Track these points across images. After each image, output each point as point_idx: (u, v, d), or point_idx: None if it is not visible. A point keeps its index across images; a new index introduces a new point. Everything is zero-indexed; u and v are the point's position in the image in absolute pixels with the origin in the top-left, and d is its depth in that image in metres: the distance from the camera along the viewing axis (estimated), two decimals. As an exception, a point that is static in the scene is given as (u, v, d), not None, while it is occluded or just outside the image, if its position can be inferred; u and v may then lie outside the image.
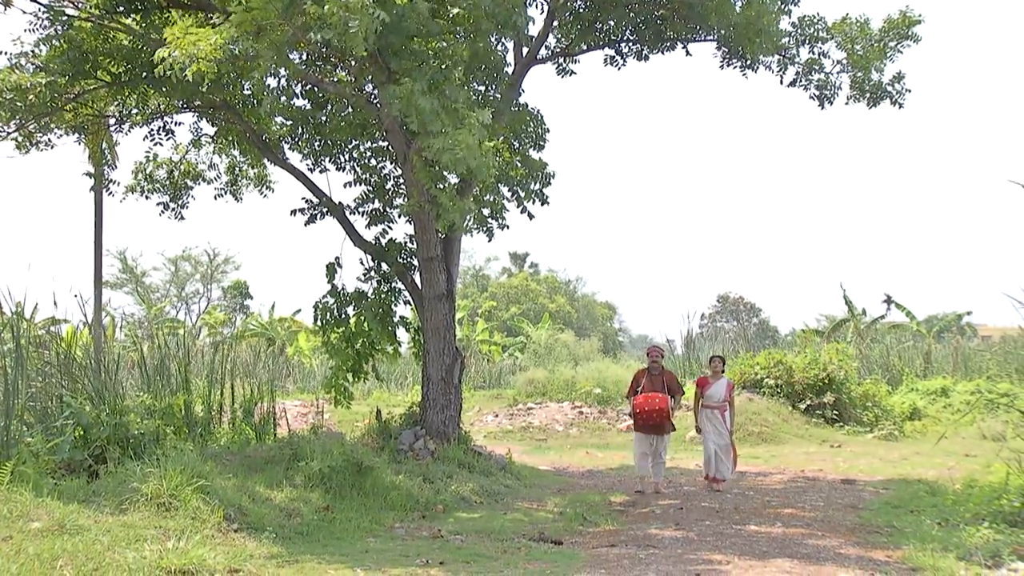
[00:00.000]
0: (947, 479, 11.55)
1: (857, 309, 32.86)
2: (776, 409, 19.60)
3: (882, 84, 13.82)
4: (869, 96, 13.89)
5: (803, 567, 7.51)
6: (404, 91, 10.38)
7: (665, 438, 12.08)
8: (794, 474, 13.97)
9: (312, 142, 14.74)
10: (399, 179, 14.58)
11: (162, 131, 14.47)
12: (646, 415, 11.71)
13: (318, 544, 8.50)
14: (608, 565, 7.69)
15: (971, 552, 7.46)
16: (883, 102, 13.89)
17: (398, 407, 16.29)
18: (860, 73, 13.75)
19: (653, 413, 11.67)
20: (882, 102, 13.89)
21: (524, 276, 56.89)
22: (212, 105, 13.82)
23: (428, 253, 13.20)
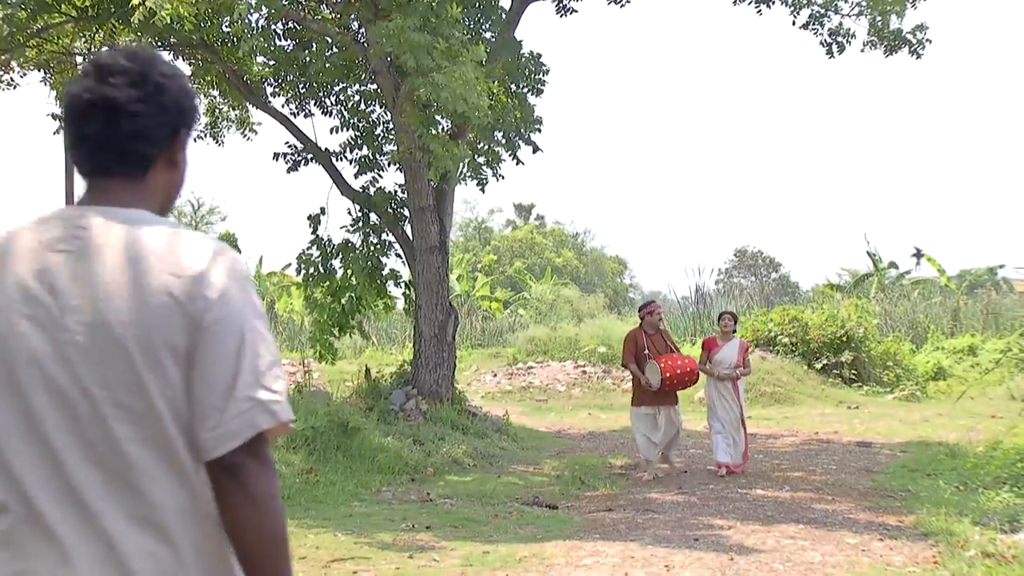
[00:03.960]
0: (969, 441, 11.57)
1: (883, 263, 32.79)
2: (790, 368, 19.62)
3: (901, 32, 13.67)
4: (887, 44, 13.73)
5: (809, 532, 7.54)
6: (394, 28, 10.27)
7: (675, 408, 10.51)
8: (807, 436, 14.02)
9: (296, 85, 14.63)
10: (389, 124, 14.48)
11: (135, 70, 14.33)
12: (676, 380, 10.15)
13: (299, 508, 8.56)
14: (603, 530, 7.74)
15: (988, 517, 7.48)
16: (901, 51, 13.75)
17: (390, 366, 16.35)
18: (880, 18, 13.58)
19: (685, 376, 10.19)
20: (900, 51, 13.75)
21: (530, 229, 56.72)
22: (189, 44, 13.68)
23: (419, 203, 13.15)
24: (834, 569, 6.36)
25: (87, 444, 1.57)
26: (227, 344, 1.59)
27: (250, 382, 1.59)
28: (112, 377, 1.57)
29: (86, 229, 1.63)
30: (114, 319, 1.57)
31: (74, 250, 1.62)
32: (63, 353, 1.58)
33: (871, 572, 6.28)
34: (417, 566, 6.46)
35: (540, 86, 14.20)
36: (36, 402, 1.58)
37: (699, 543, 7.10)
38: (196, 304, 1.58)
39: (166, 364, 1.58)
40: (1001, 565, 6.05)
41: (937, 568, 6.27)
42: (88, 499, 1.56)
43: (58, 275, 1.61)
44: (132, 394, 1.57)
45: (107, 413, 1.57)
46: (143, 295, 1.58)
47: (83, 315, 1.59)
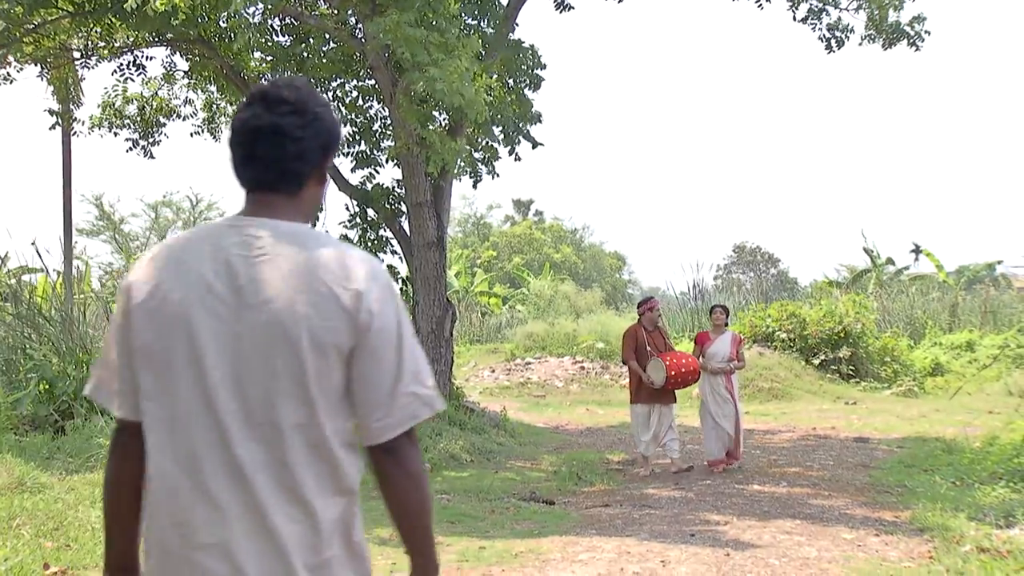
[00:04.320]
0: (966, 437, 11.59)
1: (881, 259, 32.81)
2: (788, 364, 19.65)
3: (899, 25, 13.67)
4: (885, 37, 13.74)
5: (805, 527, 7.55)
6: (390, 23, 10.26)
7: (670, 408, 10.38)
8: (804, 432, 14.04)
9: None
10: (386, 119, 14.47)
11: (132, 66, 14.34)
12: (681, 378, 10.04)
13: (296, 503, 8.58)
14: (600, 525, 7.75)
15: (983, 512, 7.50)
16: (899, 44, 13.76)
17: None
18: (877, 11, 13.58)
19: (688, 375, 10.08)
20: (898, 44, 13.76)
21: (528, 224, 56.72)
22: (185, 39, 13.67)
23: (417, 198, 13.14)
24: (830, 564, 6.37)
25: (251, 424, 1.85)
26: (388, 350, 1.91)
27: (409, 381, 1.93)
28: (281, 368, 1.85)
29: (259, 238, 1.91)
30: (288, 319, 1.85)
31: (250, 255, 1.89)
32: (239, 344, 1.86)
33: (866, 567, 6.29)
34: (413, 561, 6.45)
35: (537, 81, 14.19)
36: (213, 384, 1.85)
37: (695, 538, 7.12)
38: (361, 315, 1.88)
39: (330, 361, 1.87)
40: (996, 560, 6.07)
41: (932, 563, 6.29)
42: (247, 472, 1.84)
43: (236, 276, 1.88)
44: (295, 383, 1.85)
45: (272, 398, 1.85)
46: (315, 302, 1.86)
47: (259, 313, 1.86)
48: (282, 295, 1.86)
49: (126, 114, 14.98)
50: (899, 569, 6.19)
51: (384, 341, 1.90)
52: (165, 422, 1.89)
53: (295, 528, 1.85)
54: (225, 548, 1.83)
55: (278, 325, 1.85)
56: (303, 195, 2.02)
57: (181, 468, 1.86)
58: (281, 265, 1.88)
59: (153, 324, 1.90)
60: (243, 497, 1.84)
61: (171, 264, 1.93)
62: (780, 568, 6.25)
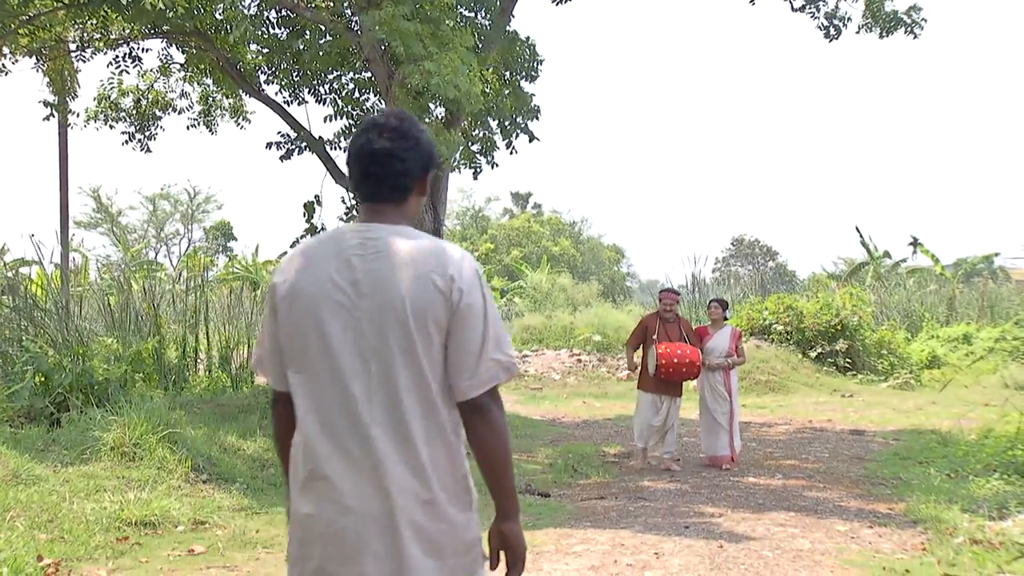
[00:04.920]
0: (961, 429, 11.61)
1: (878, 252, 32.81)
2: (785, 357, 19.66)
3: (896, 13, 13.66)
4: (882, 25, 13.72)
5: (799, 519, 7.57)
6: (385, 15, 10.25)
7: (677, 401, 10.25)
8: (801, 424, 14.05)
9: (290, 73, 14.57)
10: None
11: (127, 58, 14.29)
12: (672, 368, 9.88)
13: (291, 496, 8.58)
14: (595, 518, 7.76)
15: (977, 504, 7.51)
16: (896, 32, 13.74)
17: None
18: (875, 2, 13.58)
19: (682, 367, 9.88)
20: (895, 32, 13.74)
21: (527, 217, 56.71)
22: (182, 31, 13.62)
23: (412, 191, 13.12)
24: (823, 556, 6.38)
25: (371, 388, 2.34)
26: (475, 322, 2.38)
27: (492, 348, 2.40)
28: (394, 342, 2.34)
29: (375, 240, 2.41)
30: (397, 302, 2.34)
31: (367, 254, 2.39)
32: (359, 326, 2.35)
33: (859, 559, 6.30)
34: (407, 553, 6.46)
35: (534, 73, 14.16)
36: (341, 360, 2.35)
37: (689, 530, 7.13)
38: (453, 295, 2.36)
39: (431, 334, 2.35)
40: (988, 551, 6.08)
41: (925, 555, 6.30)
42: (369, 427, 2.32)
43: (356, 271, 2.38)
44: (406, 354, 2.33)
45: (388, 367, 2.34)
46: (417, 286, 2.34)
47: (374, 300, 2.35)
48: (391, 284, 2.35)
49: (122, 107, 14.93)
50: (892, 561, 6.21)
51: (472, 316, 2.38)
52: (307, 391, 2.40)
53: (408, 471, 2.32)
54: (355, 489, 2.31)
55: (390, 309, 2.34)
56: (407, 204, 2.53)
57: (321, 427, 2.36)
58: (390, 260, 2.37)
59: (293, 314, 2.41)
60: (366, 447, 2.31)
61: (304, 265, 2.44)
62: (773, 560, 6.26)
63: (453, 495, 2.40)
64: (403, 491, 2.31)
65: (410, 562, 2.31)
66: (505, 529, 2.52)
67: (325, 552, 2.34)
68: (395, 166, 2.46)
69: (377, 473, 2.31)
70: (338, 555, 2.32)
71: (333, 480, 2.33)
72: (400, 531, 2.31)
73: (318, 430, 2.36)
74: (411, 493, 2.32)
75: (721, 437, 10.32)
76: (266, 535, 6.87)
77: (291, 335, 2.43)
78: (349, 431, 2.33)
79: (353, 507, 2.31)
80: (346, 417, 2.34)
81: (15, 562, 5.34)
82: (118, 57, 14.25)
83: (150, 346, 12.36)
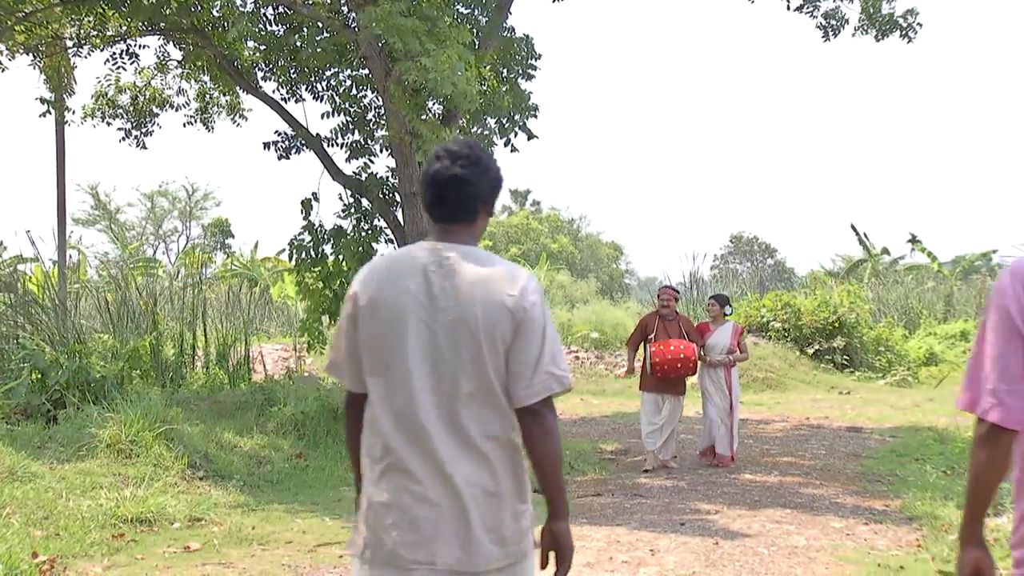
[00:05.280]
0: (957, 427, 11.62)
1: (876, 249, 32.81)
2: (782, 354, 19.67)
3: (892, 16, 13.68)
4: (878, 28, 13.75)
5: (795, 516, 7.58)
6: (382, 12, 10.23)
7: (680, 400, 10.12)
8: (798, 421, 14.06)
9: (287, 69, 14.54)
10: (380, 109, 14.41)
11: (124, 55, 14.26)
12: (667, 366, 9.71)
13: (288, 493, 8.60)
14: (591, 514, 7.77)
15: (972, 501, 7.51)
16: (892, 35, 13.77)
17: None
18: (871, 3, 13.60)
19: (677, 364, 9.70)
20: (891, 34, 13.77)
21: (525, 214, 56.70)
22: (178, 28, 13.59)
23: (411, 188, 13.08)
24: (818, 553, 6.39)
25: (439, 392, 2.58)
26: (535, 338, 2.60)
27: (547, 362, 2.60)
28: (464, 353, 2.56)
29: (448, 258, 2.64)
30: (469, 317, 2.56)
31: (441, 271, 2.62)
32: (433, 336, 2.59)
33: (854, 556, 6.31)
34: (403, 550, 6.47)
35: (531, 70, 14.15)
36: (416, 366, 2.58)
37: (685, 527, 7.14)
38: (518, 313, 2.58)
39: (498, 347, 2.57)
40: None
41: (919, 551, 6.31)
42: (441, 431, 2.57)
43: (433, 286, 2.61)
44: (475, 364, 2.56)
45: (457, 374, 2.57)
46: (489, 304, 2.57)
47: (449, 314, 2.58)
48: (464, 300, 2.58)
49: (119, 104, 14.90)
50: (887, 557, 6.22)
51: (532, 331, 2.60)
52: (384, 393, 2.62)
53: (474, 467, 2.56)
54: (428, 481, 2.55)
55: (463, 322, 2.57)
56: (476, 224, 2.77)
57: (397, 426, 2.60)
58: (464, 278, 2.61)
59: (373, 322, 2.64)
60: (437, 445, 2.55)
61: (385, 279, 2.67)
62: (768, 557, 6.27)
63: (514, 489, 2.63)
64: (471, 484, 2.56)
65: (477, 548, 2.55)
66: (556, 528, 2.72)
67: (400, 538, 2.57)
68: (467, 191, 2.70)
69: (447, 468, 2.55)
70: (412, 540, 2.56)
71: (409, 472, 2.57)
72: (469, 520, 2.55)
73: (394, 428, 2.61)
74: (478, 486, 2.57)
75: (721, 434, 10.20)
76: (262, 532, 6.88)
77: (371, 342, 2.66)
78: (422, 430, 2.57)
79: (427, 497, 2.56)
80: (420, 418, 2.58)
81: (10, 559, 5.34)
82: (115, 54, 14.21)
83: (147, 343, 12.36)
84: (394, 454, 2.60)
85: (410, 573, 2.58)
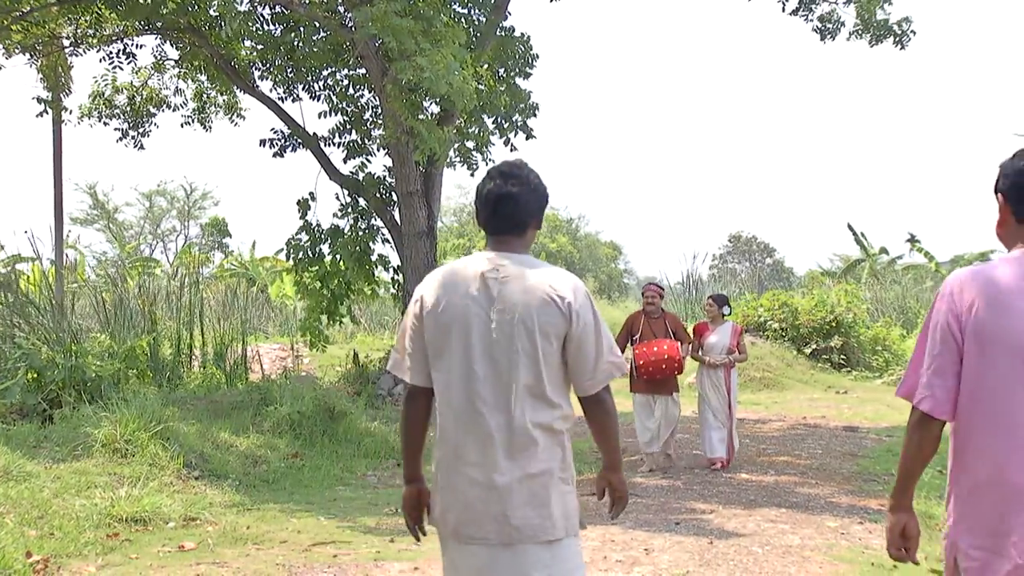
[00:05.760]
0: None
1: (874, 249, 32.82)
2: (780, 353, 19.66)
3: (887, 22, 13.75)
4: (872, 33, 13.82)
5: (790, 515, 7.58)
6: (377, 12, 10.24)
7: (673, 399, 9.77)
8: (794, 421, 14.06)
9: (284, 69, 14.56)
10: (377, 108, 14.43)
11: (121, 54, 14.27)
12: (652, 367, 9.46)
13: (283, 492, 8.60)
14: (586, 514, 7.70)
15: (967, 501, 7.52)
16: (886, 41, 13.87)
17: (380, 351, 16.35)
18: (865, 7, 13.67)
19: (661, 364, 9.44)
20: (885, 40, 13.86)
21: (523, 214, 56.63)
22: (175, 28, 13.61)
23: (407, 187, 13.12)
24: (812, 552, 6.40)
25: (498, 385, 2.94)
26: (591, 336, 2.98)
27: (606, 354, 3.02)
28: (520, 349, 2.92)
29: (504, 266, 3.02)
30: (527, 318, 2.93)
31: (498, 277, 2.99)
32: (494, 335, 2.94)
33: (848, 555, 6.32)
34: (397, 549, 6.48)
35: (528, 70, 14.16)
36: (476, 362, 2.95)
37: (680, 527, 7.14)
38: (569, 311, 2.95)
39: (552, 343, 2.95)
40: (976, 548, 6.08)
41: (914, 551, 6.30)
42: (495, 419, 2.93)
43: (491, 291, 2.97)
44: (529, 358, 2.92)
45: (513, 368, 2.92)
46: (542, 306, 2.94)
47: (507, 314, 2.94)
48: (520, 302, 2.94)
49: (116, 104, 14.90)
50: (881, 557, 6.20)
51: (588, 332, 2.97)
52: (445, 385, 3.00)
53: (524, 451, 2.91)
54: (483, 463, 2.92)
55: (520, 322, 2.92)
56: (526, 235, 3.15)
57: (455, 414, 2.96)
58: (519, 283, 2.97)
59: (437, 323, 3.00)
60: (491, 432, 2.91)
61: (448, 283, 3.04)
62: (762, 556, 6.27)
63: (560, 472, 2.99)
64: (521, 468, 2.91)
65: (526, 524, 2.90)
66: (612, 477, 3.24)
67: (459, 517, 2.96)
68: (518, 208, 3.08)
69: (500, 453, 2.91)
70: (468, 519, 2.94)
71: (464, 459, 2.95)
72: (519, 500, 2.90)
73: (453, 418, 2.98)
74: (528, 470, 2.92)
75: (719, 435, 9.95)
76: (257, 531, 6.87)
77: (435, 341, 3.02)
78: (478, 419, 2.93)
79: (479, 480, 2.92)
80: (477, 408, 2.93)
81: (3, 558, 5.34)
82: (112, 53, 14.24)
83: (144, 343, 12.35)
84: (453, 441, 2.98)
85: (468, 547, 2.96)
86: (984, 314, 2.60)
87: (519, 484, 2.91)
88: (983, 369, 2.63)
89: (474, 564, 2.97)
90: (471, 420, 2.94)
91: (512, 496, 2.90)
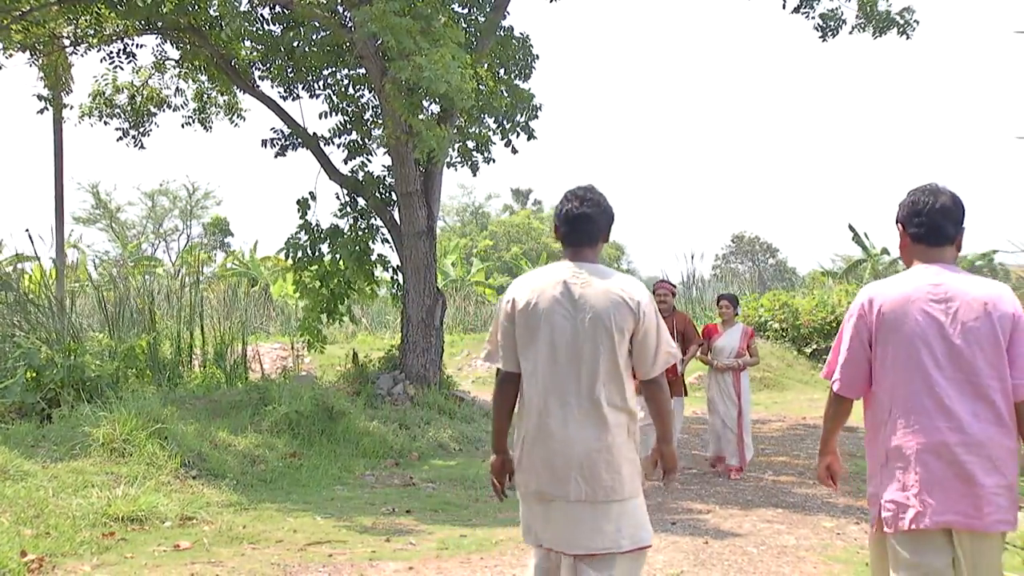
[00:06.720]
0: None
1: (876, 249, 32.78)
2: (780, 354, 19.66)
3: (889, 13, 13.73)
4: (875, 25, 13.79)
5: (787, 516, 7.59)
6: (376, 11, 10.25)
7: (679, 402, 9.20)
8: (794, 421, 14.07)
9: (284, 69, 14.56)
10: (377, 108, 14.42)
11: (122, 54, 14.27)
12: None
13: (281, 492, 8.60)
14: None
15: (964, 501, 7.51)
16: (889, 32, 13.83)
17: (379, 351, 16.36)
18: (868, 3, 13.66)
19: None
20: (888, 32, 13.82)
21: (526, 214, 56.68)
22: (176, 27, 13.61)
23: (407, 187, 13.11)
24: (807, 552, 6.40)
25: (582, 373, 3.55)
26: (652, 332, 3.63)
27: (664, 346, 3.67)
28: (600, 342, 3.54)
29: (582, 273, 3.64)
30: (605, 317, 3.54)
31: (578, 282, 3.61)
32: (575, 331, 3.55)
33: (843, 555, 6.32)
34: (393, 549, 6.48)
35: (528, 70, 14.16)
36: (560, 354, 3.57)
37: (676, 527, 7.14)
38: (638, 310, 3.57)
39: (626, 336, 3.58)
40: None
41: (909, 552, 6.29)
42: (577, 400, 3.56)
43: (573, 294, 3.59)
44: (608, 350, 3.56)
45: (595, 359, 3.54)
46: (617, 307, 3.56)
47: (587, 313, 3.55)
48: (599, 303, 3.55)
49: (116, 103, 14.91)
50: (876, 557, 6.21)
51: (650, 327, 3.60)
52: (532, 372, 3.62)
53: (597, 426, 3.53)
54: (563, 436, 3.54)
55: (598, 320, 3.53)
56: (597, 247, 3.76)
57: (543, 397, 3.58)
58: (596, 287, 3.59)
59: (528, 320, 3.62)
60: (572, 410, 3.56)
61: (535, 288, 3.66)
62: (757, 556, 6.28)
63: (627, 444, 3.60)
64: (597, 439, 3.53)
65: (599, 484, 3.50)
66: (665, 449, 3.82)
67: (542, 477, 3.56)
68: (592, 225, 3.72)
69: (578, 426, 3.53)
70: (550, 480, 3.54)
71: (549, 430, 3.55)
72: (593, 464, 3.51)
73: (541, 399, 3.58)
74: (602, 440, 3.52)
75: (730, 442, 9.56)
76: (253, 531, 6.88)
77: (524, 336, 3.65)
78: (564, 400, 3.56)
79: (561, 449, 3.54)
80: (563, 390, 3.57)
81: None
82: (112, 53, 14.24)
83: (144, 342, 12.36)
84: (540, 416, 3.58)
85: (551, 504, 3.57)
86: (888, 316, 3.39)
87: (596, 452, 3.51)
88: (885, 358, 3.41)
89: (555, 517, 3.57)
90: (557, 401, 3.55)
91: (589, 461, 3.51)
